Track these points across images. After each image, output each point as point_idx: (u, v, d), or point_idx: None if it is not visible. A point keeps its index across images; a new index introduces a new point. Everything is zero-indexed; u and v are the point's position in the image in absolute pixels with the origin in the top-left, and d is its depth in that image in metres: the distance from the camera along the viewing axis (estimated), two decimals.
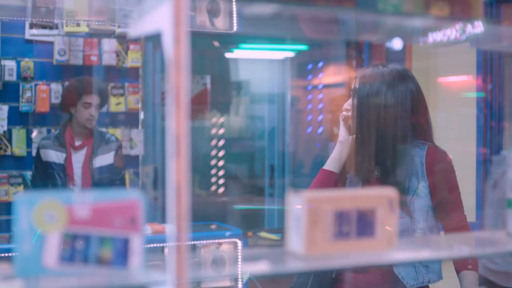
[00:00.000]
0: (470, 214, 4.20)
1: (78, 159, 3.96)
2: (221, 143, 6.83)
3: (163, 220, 3.89)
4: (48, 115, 4.76)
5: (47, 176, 3.97)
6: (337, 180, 2.23)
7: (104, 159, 3.97)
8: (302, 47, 6.90)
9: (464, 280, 2.16)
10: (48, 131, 4.75)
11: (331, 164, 2.25)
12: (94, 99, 3.91)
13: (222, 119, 6.96)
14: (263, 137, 7.21)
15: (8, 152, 4.65)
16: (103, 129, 4.41)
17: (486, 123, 4.18)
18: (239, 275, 3.60)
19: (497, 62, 4.17)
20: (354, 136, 2.21)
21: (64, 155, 3.93)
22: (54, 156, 3.94)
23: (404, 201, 2.12)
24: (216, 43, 6.49)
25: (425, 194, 2.14)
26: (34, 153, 4.55)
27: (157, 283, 1.01)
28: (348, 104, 2.24)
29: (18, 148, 4.67)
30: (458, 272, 2.18)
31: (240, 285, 3.73)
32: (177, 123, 0.99)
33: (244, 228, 4.02)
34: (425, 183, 2.13)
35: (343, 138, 2.24)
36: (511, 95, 4.17)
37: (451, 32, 3.96)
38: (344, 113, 2.24)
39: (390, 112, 2.14)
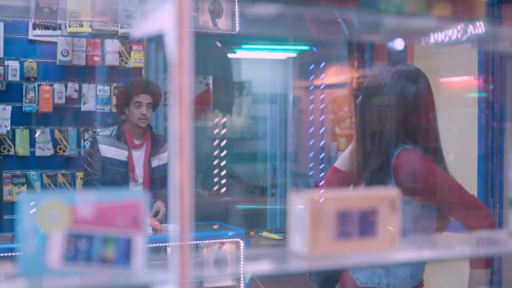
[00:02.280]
0: None
1: (138, 157, 4.04)
2: (224, 143, 6.83)
3: (166, 220, 3.90)
4: (51, 115, 4.77)
5: (104, 171, 4.04)
6: (348, 178, 2.22)
7: (162, 158, 4.05)
8: (304, 47, 6.90)
9: (469, 278, 2.15)
10: (51, 131, 4.76)
11: (341, 162, 2.29)
12: (145, 98, 3.99)
13: (224, 119, 6.97)
14: (265, 137, 7.22)
15: (12, 152, 4.66)
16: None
17: (487, 124, 4.18)
18: (242, 274, 3.60)
19: (499, 63, 4.16)
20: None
21: (126, 152, 4.01)
22: (115, 152, 4.01)
23: None
24: (218, 44, 6.49)
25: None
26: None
27: (160, 282, 1.01)
28: None
29: (21, 148, 4.68)
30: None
31: (242, 284, 3.73)
32: (179, 123, 0.99)
33: (247, 228, 4.02)
34: (393, 186, 2.10)
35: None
36: None
37: (453, 32, 3.96)
38: None
39: (379, 111, 2.14)
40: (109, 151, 4.01)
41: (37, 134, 4.73)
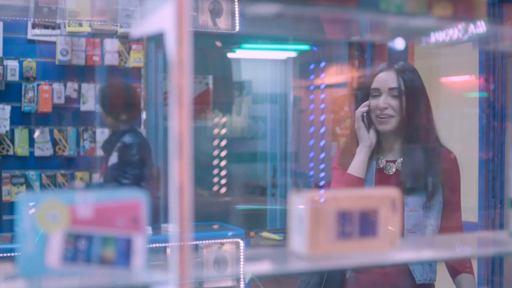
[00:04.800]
0: (472, 214, 4.20)
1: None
2: (223, 143, 6.83)
3: (165, 220, 3.90)
4: (51, 115, 4.77)
5: None
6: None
7: (111, 159, 4.08)
8: (304, 47, 6.90)
9: (465, 282, 2.14)
10: (51, 131, 4.76)
11: (360, 170, 2.16)
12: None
13: (224, 119, 6.96)
14: (265, 137, 7.22)
15: (11, 152, 4.66)
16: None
17: (488, 123, 4.17)
18: (241, 275, 3.59)
19: (500, 62, 4.16)
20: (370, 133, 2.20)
21: None
22: None
23: (420, 197, 2.12)
24: (218, 43, 6.50)
25: (438, 192, 2.15)
26: None
27: (160, 283, 1.01)
28: (366, 105, 2.19)
29: (20, 148, 4.67)
30: (456, 274, 2.16)
31: (242, 285, 3.73)
32: (179, 123, 0.99)
33: (246, 228, 4.02)
34: (439, 182, 2.15)
35: (370, 142, 2.17)
36: None
37: (454, 32, 3.96)
38: (363, 109, 2.18)
39: (425, 110, 2.19)
40: None
41: (36, 134, 4.72)
